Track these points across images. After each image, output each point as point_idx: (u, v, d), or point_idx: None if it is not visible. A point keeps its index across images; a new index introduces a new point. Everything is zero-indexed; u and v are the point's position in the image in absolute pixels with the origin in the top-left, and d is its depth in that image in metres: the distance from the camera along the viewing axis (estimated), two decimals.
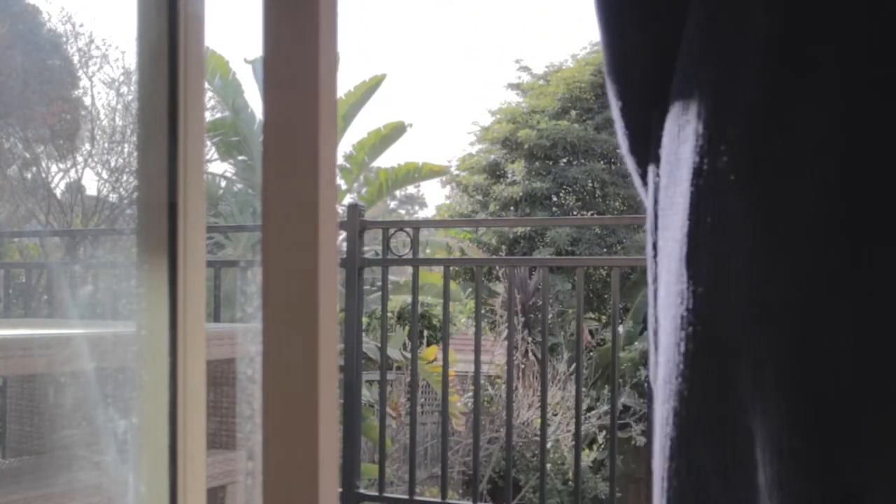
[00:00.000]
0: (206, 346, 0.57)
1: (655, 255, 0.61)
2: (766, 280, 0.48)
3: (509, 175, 14.52)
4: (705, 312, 0.50)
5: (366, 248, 3.19)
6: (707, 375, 0.50)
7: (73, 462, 1.83)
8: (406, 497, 3.04)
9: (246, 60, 8.05)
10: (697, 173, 0.52)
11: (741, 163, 0.50)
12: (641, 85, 0.66)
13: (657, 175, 0.61)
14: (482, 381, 5.15)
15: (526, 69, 16.58)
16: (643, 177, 0.66)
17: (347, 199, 8.08)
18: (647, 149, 0.64)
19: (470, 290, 11.72)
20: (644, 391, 10.31)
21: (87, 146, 7.66)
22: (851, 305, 0.45)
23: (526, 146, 14.37)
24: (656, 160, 0.61)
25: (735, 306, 0.49)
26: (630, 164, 0.69)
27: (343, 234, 3.11)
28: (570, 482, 8.43)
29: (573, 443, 5.42)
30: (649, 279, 0.63)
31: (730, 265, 0.50)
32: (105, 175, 7.64)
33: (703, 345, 0.51)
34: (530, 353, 9.81)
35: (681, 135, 0.56)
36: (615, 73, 0.67)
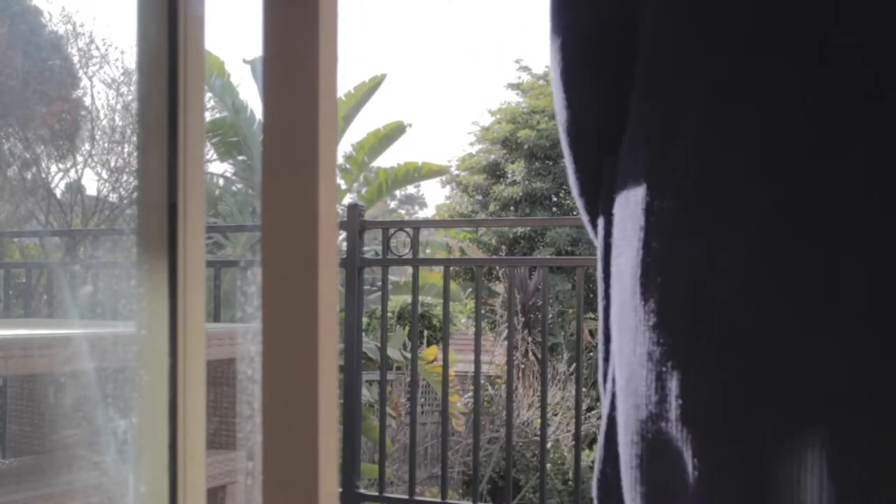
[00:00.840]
0: (206, 346, 0.57)
1: (607, 278, 0.74)
2: (705, 295, 0.62)
3: (509, 175, 14.53)
4: (654, 321, 0.64)
5: (366, 248, 3.19)
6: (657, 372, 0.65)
7: (73, 462, 1.83)
8: (406, 497, 3.04)
9: (244, 60, 8.06)
10: (649, 211, 0.66)
11: (682, 205, 0.64)
12: (594, 140, 0.78)
13: (610, 213, 0.73)
14: (482, 381, 5.15)
15: (526, 69, 16.59)
16: (590, 213, 0.81)
17: (347, 199, 8.08)
18: (595, 192, 0.78)
19: (470, 290, 11.72)
20: None
21: (87, 146, 7.66)
22: (772, 315, 0.59)
23: (526, 146, 14.37)
24: (608, 200, 0.74)
25: (680, 317, 0.63)
26: (579, 203, 0.84)
27: (343, 234, 3.11)
28: (570, 482, 8.43)
29: (573, 443, 5.43)
30: (600, 297, 0.76)
31: (676, 285, 0.64)
32: (105, 175, 7.64)
33: (653, 347, 0.64)
34: (530, 353, 9.81)
35: (633, 180, 0.69)
36: (571, 130, 0.81)
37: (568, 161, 0.84)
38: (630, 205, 0.70)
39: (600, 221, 0.77)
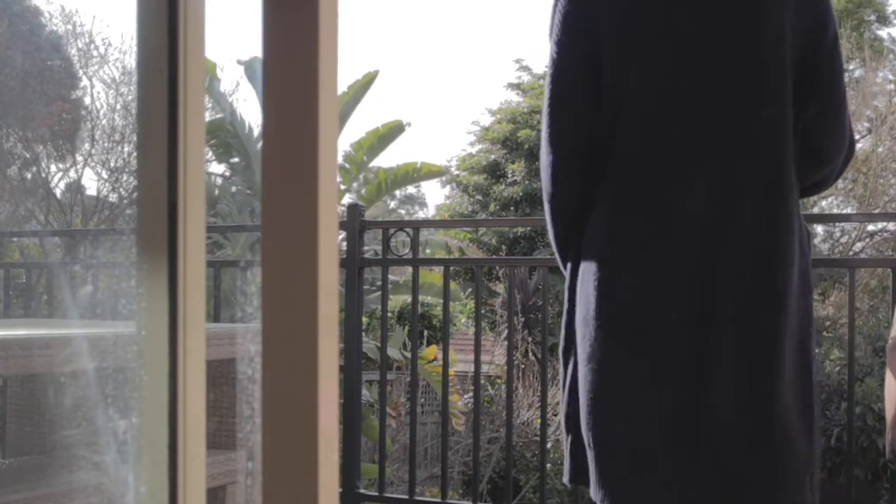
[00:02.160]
0: (206, 346, 0.57)
1: (572, 297, 1.46)
2: (633, 307, 1.37)
3: (509, 175, 14.52)
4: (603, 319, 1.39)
5: (366, 248, 3.19)
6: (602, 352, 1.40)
7: (73, 462, 1.83)
8: (406, 497, 3.04)
9: (239, 62, 8.05)
10: (602, 262, 1.38)
11: (627, 261, 1.36)
12: (571, 219, 1.45)
13: (576, 264, 1.43)
14: (482, 381, 5.15)
15: (526, 69, 16.58)
16: (564, 261, 1.50)
17: (346, 199, 8.08)
18: (567, 249, 1.47)
19: (470, 290, 11.71)
20: None
21: (87, 146, 7.66)
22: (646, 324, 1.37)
23: (526, 146, 14.36)
24: (575, 254, 1.43)
25: (615, 324, 1.37)
26: (557, 254, 1.53)
27: (343, 234, 3.11)
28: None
29: None
30: (566, 313, 1.48)
31: (618, 307, 1.37)
32: (105, 175, 7.64)
33: (602, 342, 1.38)
34: (530, 353, 9.81)
35: (592, 246, 1.40)
36: (556, 215, 1.47)
37: (550, 229, 1.49)
38: (590, 256, 1.40)
39: (569, 265, 1.47)
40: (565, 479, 1.46)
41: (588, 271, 1.37)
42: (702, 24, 1.34)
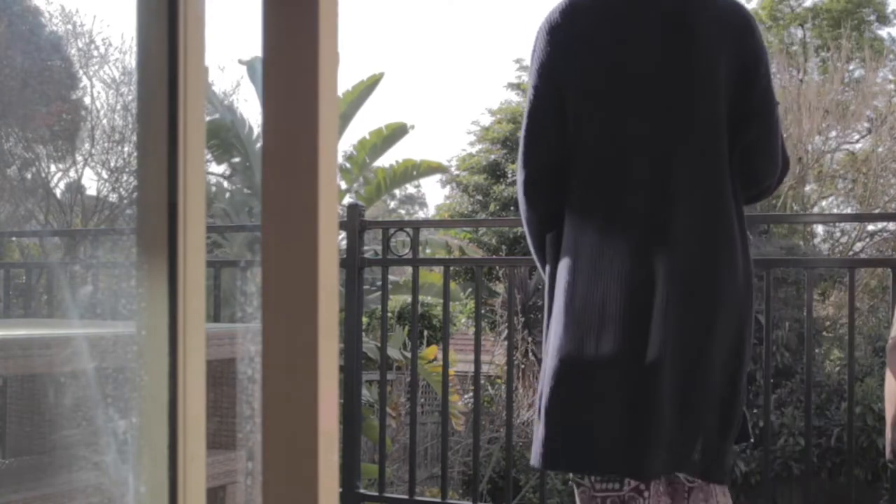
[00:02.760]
0: (206, 346, 0.57)
1: (551, 299, 1.72)
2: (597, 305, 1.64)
3: (509, 175, 14.52)
4: (574, 312, 1.65)
5: (366, 248, 3.19)
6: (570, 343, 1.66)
7: (73, 462, 1.83)
8: (406, 497, 3.04)
9: (240, 61, 8.05)
10: (571, 270, 1.66)
11: (584, 268, 1.65)
12: (541, 230, 1.76)
13: (553, 268, 1.73)
14: (482, 381, 5.15)
15: (526, 69, 16.58)
16: (542, 265, 1.80)
17: (347, 199, 8.07)
18: (543, 255, 1.78)
19: (470, 290, 11.72)
20: None
21: (87, 146, 7.66)
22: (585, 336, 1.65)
23: None
24: (552, 260, 1.74)
25: (583, 316, 1.64)
26: (536, 260, 1.82)
27: (343, 234, 3.11)
28: (570, 482, 8.42)
29: None
30: (546, 312, 1.74)
31: (585, 304, 1.63)
32: (105, 175, 7.64)
33: (568, 332, 1.65)
34: (530, 353, 9.81)
35: (561, 256, 1.70)
36: (530, 225, 1.77)
37: (528, 238, 1.81)
38: (560, 264, 1.70)
39: (548, 268, 1.76)
40: (535, 462, 1.71)
41: (559, 276, 1.68)
42: (643, 69, 1.65)
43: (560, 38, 1.67)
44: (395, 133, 8.33)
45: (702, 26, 1.63)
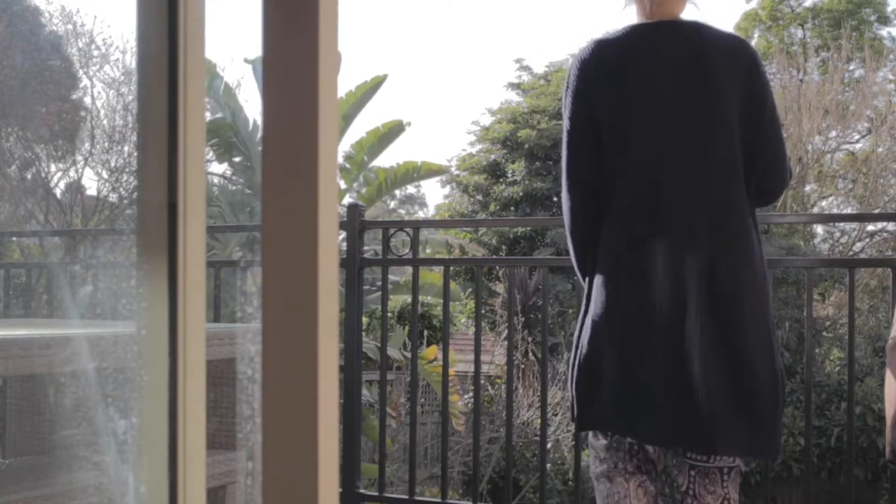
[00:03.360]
0: (206, 346, 0.57)
1: (587, 303, 1.96)
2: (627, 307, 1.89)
3: (509, 175, 14.52)
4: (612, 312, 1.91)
5: (366, 248, 3.19)
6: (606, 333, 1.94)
7: (73, 462, 1.83)
8: (406, 497, 3.04)
9: (246, 60, 8.04)
10: (612, 279, 1.89)
11: (621, 276, 1.88)
12: (585, 246, 1.98)
13: (592, 277, 1.95)
14: (482, 381, 5.15)
15: (526, 69, 16.59)
16: (583, 276, 2.00)
17: (347, 199, 8.07)
18: (585, 268, 1.99)
19: (470, 290, 11.72)
20: None
21: (87, 146, 7.66)
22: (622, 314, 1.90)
23: (526, 146, 14.36)
24: (591, 270, 1.96)
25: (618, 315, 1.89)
26: (578, 272, 2.03)
27: (343, 234, 3.11)
28: (570, 482, 8.43)
29: (573, 443, 5.42)
30: (582, 310, 1.99)
31: (626, 309, 1.87)
32: (105, 175, 7.64)
33: (607, 327, 1.89)
34: (530, 353, 9.81)
35: (605, 269, 1.91)
36: (575, 244, 2.00)
37: (572, 254, 2.02)
38: (601, 271, 1.91)
39: (587, 279, 1.97)
40: (575, 427, 2.00)
41: (602, 284, 1.89)
42: (667, 100, 1.85)
43: (587, 69, 1.90)
44: (392, 131, 8.32)
45: (717, 64, 1.84)
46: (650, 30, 1.89)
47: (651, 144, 1.86)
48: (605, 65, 1.89)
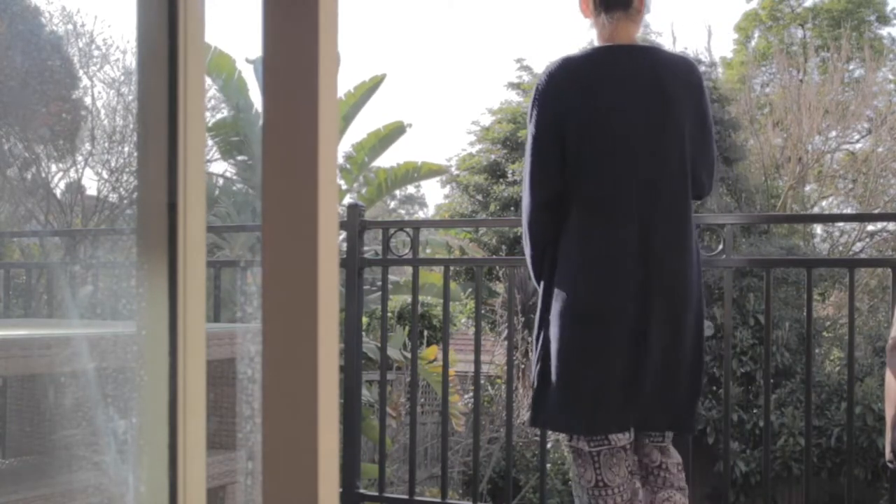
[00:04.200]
0: (206, 346, 0.57)
1: (546, 297, 2.17)
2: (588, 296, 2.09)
3: (509, 175, 14.52)
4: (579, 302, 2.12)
5: (366, 248, 3.19)
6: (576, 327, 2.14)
7: (73, 462, 1.83)
8: (406, 497, 3.04)
9: (247, 60, 8.03)
10: (574, 274, 2.10)
11: (589, 274, 2.08)
12: (542, 246, 2.16)
13: (548, 278, 2.16)
14: (482, 381, 5.15)
15: (526, 69, 16.59)
16: (538, 278, 2.21)
17: (347, 199, 8.06)
18: (540, 268, 2.18)
19: (470, 290, 11.71)
20: None
21: (87, 146, 7.66)
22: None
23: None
24: (548, 272, 2.16)
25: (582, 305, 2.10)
26: (532, 272, 2.23)
27: (343, 234, 3.11)
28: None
29: None
30: (539, 307, 2.21)
31: (585, 304, 2.08)
32: (105, 175, 7.63)
33: (574, 319, 2.10)
34: (530, 353, 9.80)
35: (567, 263, 2.10)
36: (533, 242, 2.16)
37: (527, 252, 2.19)
38: (557, 272, 2.12)
39: (543, 281, 2.17)
40: (529, 423, 2.19)
41: (564, 279, 2.09)
42: (628, 115, 2.07)
43: (556, 83, 2.10)
44: (393, 133, 8.32)
45: (673, 84, 2.09)
46: (612, 52, 2.12)
47: (613, 153, 2.06)
48: (572, 80, 2.10)
